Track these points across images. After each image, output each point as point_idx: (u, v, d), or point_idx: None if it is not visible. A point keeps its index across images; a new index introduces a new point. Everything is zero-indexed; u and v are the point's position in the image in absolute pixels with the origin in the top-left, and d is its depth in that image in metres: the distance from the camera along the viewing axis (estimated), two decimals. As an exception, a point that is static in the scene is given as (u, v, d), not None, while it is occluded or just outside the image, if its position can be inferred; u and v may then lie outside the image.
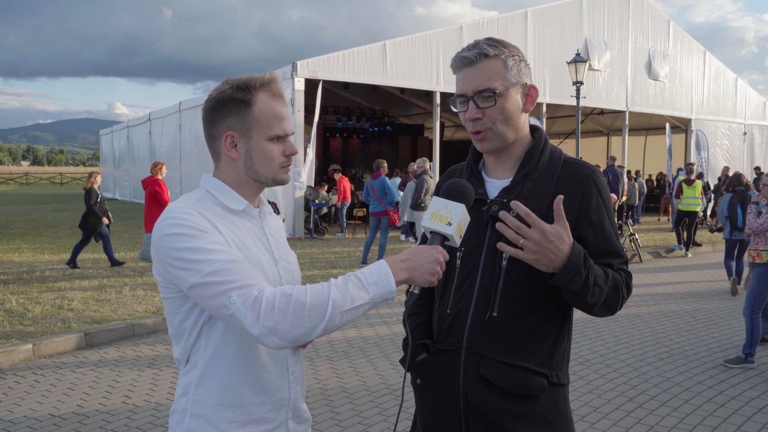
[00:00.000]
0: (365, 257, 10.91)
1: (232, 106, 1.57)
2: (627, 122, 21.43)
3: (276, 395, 1.61)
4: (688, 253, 13.25)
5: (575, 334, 6.02)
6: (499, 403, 1.66)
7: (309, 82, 14.55)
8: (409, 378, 1.82)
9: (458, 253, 1.74)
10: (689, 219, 12.96)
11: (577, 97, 15.40)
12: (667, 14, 34.52)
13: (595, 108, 21.57)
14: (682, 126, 23.65)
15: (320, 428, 4.25)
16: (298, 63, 14.26)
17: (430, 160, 14.83)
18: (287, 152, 1.62)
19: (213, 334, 1.55)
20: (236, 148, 1.59)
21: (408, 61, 15.94)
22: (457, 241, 1.54)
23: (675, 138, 21.88)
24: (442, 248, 1.52)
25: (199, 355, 1.57)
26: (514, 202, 1.55)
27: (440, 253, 1.50)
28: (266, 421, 1.60)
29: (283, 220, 13.62)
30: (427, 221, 1.54)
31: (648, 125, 25.45)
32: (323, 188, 16.14)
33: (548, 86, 18.41)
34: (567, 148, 25.10)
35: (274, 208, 8.98)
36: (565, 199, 1.67)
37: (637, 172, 22.32)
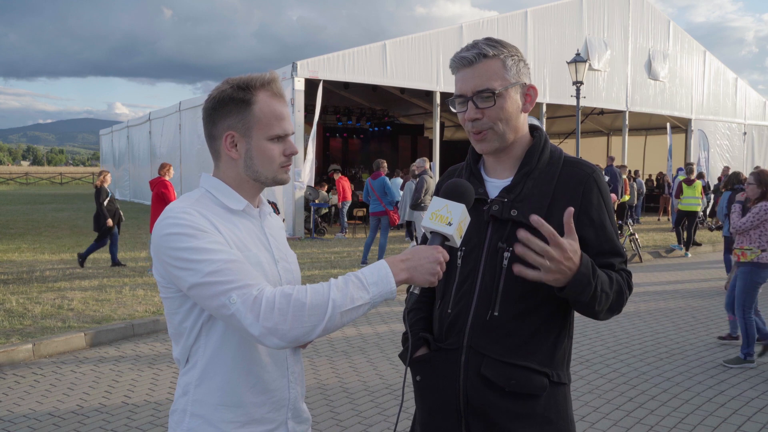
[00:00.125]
0: (365, 257, 10.91)
1: (232, 106, 1.57)
2: (627, 122, 21.44)
3: (276, 395, 1.61)
4: (688, 253, 13.25)
5: (575, 334, 6.02)
6: (500, 402, 1.66)
7: (309, 82, 14.55)
8: (410, 377, 1.82)
9: (459, 253, 1.74)
10: (689, 219, 12.96)
11: (577, 97, 15.40)
12: (667, 14, 34.51)
13: (595, 108, 21.59)
14: (682, 126, 23.65)
15: (320, 428, 4.25)
16: (298, 63, 14.26)
17: (430, 160, 14.82)
18: (287, 152, 1.62)
19: (213, 334, 1.55)
20: (236, 148, 1.59)
21: (408, 61, 15.94)
22: (458, 242, 1.53)
23: (675, 138, 21.88)
24: (443, 248, 1.51)
25: (199, 355, 1.57)
26: (537, 219, 1.49)
27: (440, 254, 1.49)
28: (266, 422, 1.59)
29: (283, 220, 13.62)
30: (428, 221, 1.54)
31: (648, 125, 25.46)
32: (323, 188, 16.14)
33: (548, 86, 18.41)
34: (567, 148, 25.08)
35: (274, 208, 8.99)
36: (565, 199, 1.67)
37: (636, 172, 22.33)
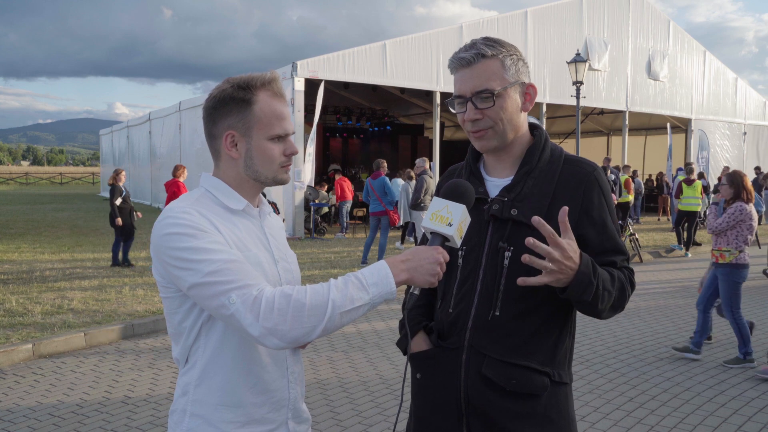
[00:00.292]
0: (365, 257, 10.91)
1: (232, 105, 1.56)
2: (627, 122, 21.44)
3: (276, 395, 1.61)
4: (688, 253, 13.25)
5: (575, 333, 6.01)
6: (501, 402, 1.66)
7: (309, 82, 14.55)
8: (409, 375, 1.81)
9: (459, 253, 1.73)
10: (689, 219, 12.97)
11: (577, 97, 15.40)
12: (667, 14, 34.51)
13: (595, 108, 21.58)
14: (682, 126, 23.66)
15: (320, 428, 4.25)
16: (298, 63, 14.26)
17: (430, 160, 14.83)
18: (287, 152, 1.61)
19: (212, 333, 1.55)
20: (236, 148, 1.59)
21: (408, 61, 15.94)
22: (458, 242, 1.53)
23: (675, 138, 21.88)
24: (443, 249, 1.51)
25: (199, 355, 1.56)
26: (538, 220, 1.49)
27: (441, 254, 1.49)
28: (266, 422, 1.59)
29: (283, 220, 13.61)
30: (428, 222, 1.53)
31: (648, 125, 25.46)
32: (323, 188, 16.14)
33: (548, 86, 18.41)
34: (567, 147, 24.96)
35: (274, 208, 8.98)
36: (566, 198, 1.66)
37: (635, 172, 22.31)
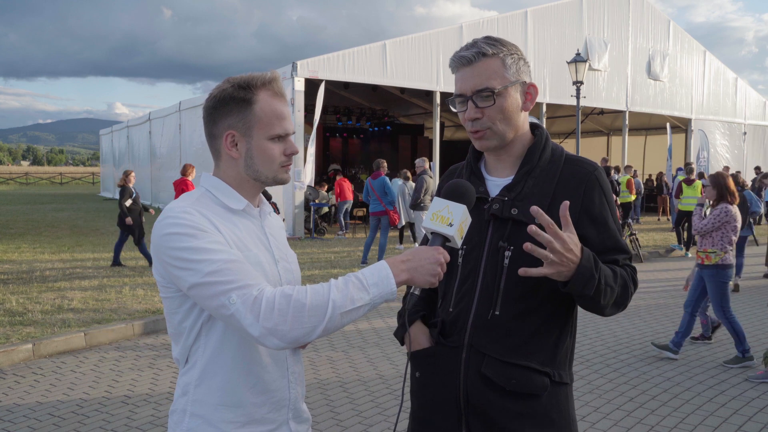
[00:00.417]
0: (365, 257, 10.91)
1: (233, 105, 1.56)
2: (627, 122, 21.44)
3: (276, 395, 1.61)
4: (688, 253, 13.25)
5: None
6: (501, 401, 1.66)
7: (309, 82, 14.54)
8: (409, 374, 1.81)
9: (460, 252, 1.73)
10: (689, 219, 12.96)
11: (577, 97, 15.40)
12: (667, 14, 34.50)
13: (595, 108, 21.59)
14: (682, 126, 23.66)
15: (320, 428, 4.25)
16: (298, 63, 14.26)
17: (430, 160, 14.82)
18: (288, 152, 1.61)
19: (212, 333, 1.55)
20: (237, 147, 1.58)
21: (408, 61, 15.94)
22: (459, 242, 1.53)
23: (675, 138, 21.89)
24: (443, 249, 1.51)
25: (199, 355, 1.56)
26: (536, 210, 1.49)
27: (441, 254, 1.49)
28: (266, 422, 1.59)
29: (283, 219, 13.61)
30: (428, 222, 1.53)
31: (648, 125, 25.46)
32: (323, 188, 16.14)
33: (548, 86, 18.41)
34: (567, 147, 24.84)
35: (274, 208, 8.98)
36: (566, 197, 1.66)
37: (635, 172, 22.30)
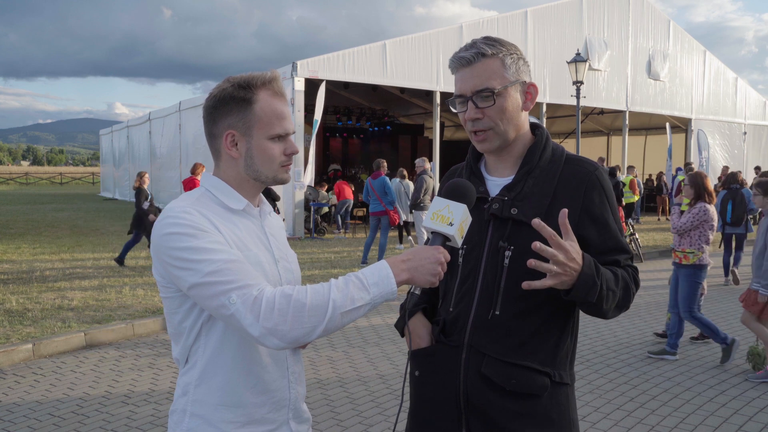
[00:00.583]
0: (365, 257, 10.91)
1: (233, 105, 1.56)
2: (627, 122, 21.44)
3: (276, 395, 1.60)
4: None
5: (576, 334, 6.00)
6: (500, 401, 1.66)
7: (309, 82, 14.54)
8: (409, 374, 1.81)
9: (460, 252, 1.73)
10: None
11: (577, 97, 15.39)
12: (667, 14, 34.49)
13: (595, 108, 21.58)
14: (682, 126, 23.66)
15: (320, 428, 4.25)
16: (298, 63, 14.25)
17: (430, 160, 14.80)
18: (288, 151, 1.61)
19: (212, 333, 1.55)
20: (237, 147, 1.58)
21: (408, 61, 15.93)
22: (459, 242, 1.53)
23: (675, 138, 21.89)
24: (444, 249, 1.51)
25: (199, 355, 1.56)
26: (538, 223, 1.49)
27: (441, 254, 1.49)
28: (267, 422, 1.59)
29: (283, 219, 13.61)
30: (429, 221, 1.53)
31: (648, 125, 25.46)
32: (323, 188, 16.14)
33: (548, 86, 18.41)
34: (567, 147, 24.80)
35: (274, 208, 8.97)
36: (567, 198, 1.66)
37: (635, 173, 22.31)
